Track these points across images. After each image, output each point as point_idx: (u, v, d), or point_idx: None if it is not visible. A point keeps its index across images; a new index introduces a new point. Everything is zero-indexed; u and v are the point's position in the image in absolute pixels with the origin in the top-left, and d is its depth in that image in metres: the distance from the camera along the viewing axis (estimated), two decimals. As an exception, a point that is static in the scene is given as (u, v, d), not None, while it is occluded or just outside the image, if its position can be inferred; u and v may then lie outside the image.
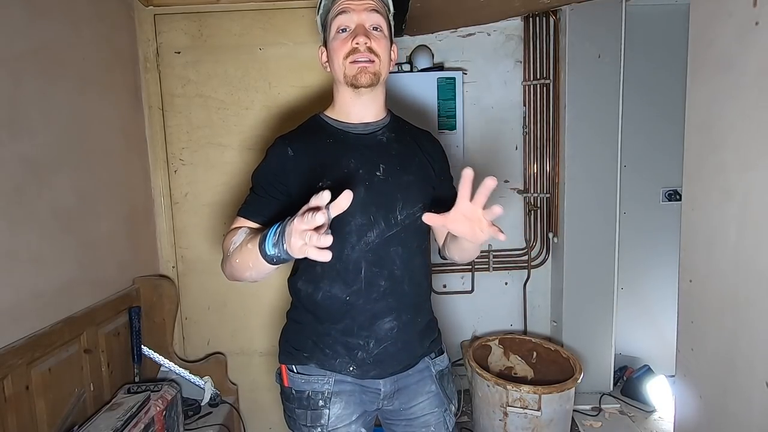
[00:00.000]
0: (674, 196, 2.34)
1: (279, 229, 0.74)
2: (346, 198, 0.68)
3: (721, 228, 1.08)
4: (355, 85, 0.95)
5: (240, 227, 0.93)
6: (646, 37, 2.23)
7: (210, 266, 1.83)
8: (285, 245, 0.72)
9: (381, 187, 0.97)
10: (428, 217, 0.80)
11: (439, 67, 2.20)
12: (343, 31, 0.95)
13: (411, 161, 1.02)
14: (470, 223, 0.80)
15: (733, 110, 1.04)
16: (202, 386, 1.73)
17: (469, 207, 0.79)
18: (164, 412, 1.42)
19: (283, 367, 1.03)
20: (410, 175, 1.00)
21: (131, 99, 1.71)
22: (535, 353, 2.09)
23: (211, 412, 1.71)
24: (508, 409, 1.69)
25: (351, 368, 0.98)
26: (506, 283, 2.36)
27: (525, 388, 1.67)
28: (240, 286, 1.84)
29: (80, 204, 1.39)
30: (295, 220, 0.69)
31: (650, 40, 2.24)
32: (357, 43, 0.93)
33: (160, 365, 1.71)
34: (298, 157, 0.97)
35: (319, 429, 0.97)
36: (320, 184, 0.94)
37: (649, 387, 2.18)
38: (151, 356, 1.68)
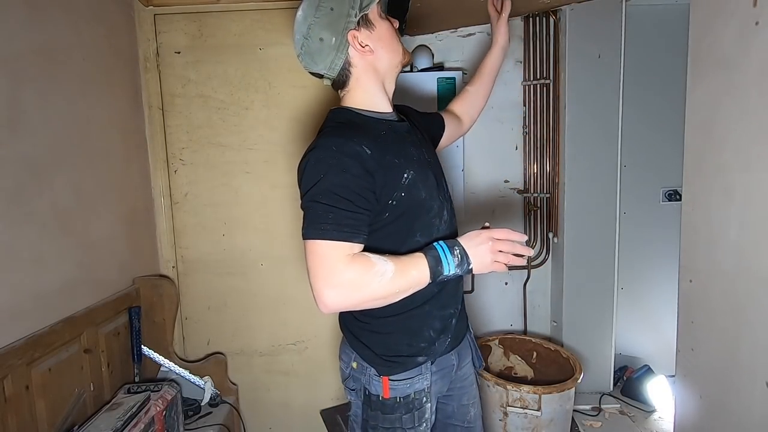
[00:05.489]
0: (674, 196, 2.34)
1: (458, 251, 0.87)
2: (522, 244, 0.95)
3: (721, 228, 1.08)
4: (404, 64, 1.04)
5: (365, 255, 0.87)
6: (646, 37, 2.22)
7: (210, 266, 1.83)
8: (470, 265, 0.87)
9: (434, 168, 1.04)
10: None
11: (439, 67, 2.19)
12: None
13: (425, 138, 1.10)
14: None
15: (733, 110, 1.03)
16: (202, 386, 1.73)
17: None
18: (164, 412, 1.42)
19: (385, 379, 0.98)
20: (433, 152, 1.09)
21: (131, 99, 1.71)
22: (535, 353, 2.09)
23: (211, 412, 1.71)
24: (508, 409, 1.69)
25: (448, 341, 1.04)
26: (506, 283, 2.36)
27: (525, 388, 1.67)
28: (240, 287, 1.84)
29: (80, 204, 1.39)
30: (490, 243, 0.89)
31: (650, 40, 2.23)
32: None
33: (160, 365, 1.71)
34: (374, 154, 0.89)
35: (424, 425, 1.00)
36: (405, 176, 0.93)
37: (649, 387, 2.17)
38: (151, 356, 1.68)
